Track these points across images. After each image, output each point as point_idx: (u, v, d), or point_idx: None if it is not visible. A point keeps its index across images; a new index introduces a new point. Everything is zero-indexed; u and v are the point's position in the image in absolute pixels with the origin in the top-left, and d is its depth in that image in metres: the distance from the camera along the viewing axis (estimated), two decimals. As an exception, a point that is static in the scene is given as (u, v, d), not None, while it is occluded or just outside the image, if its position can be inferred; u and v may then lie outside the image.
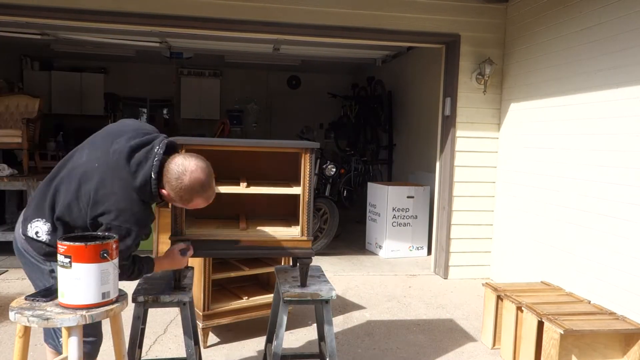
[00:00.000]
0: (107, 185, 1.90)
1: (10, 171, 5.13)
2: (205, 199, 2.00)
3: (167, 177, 1.93)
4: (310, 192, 2.32)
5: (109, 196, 1.89)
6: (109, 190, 1.90)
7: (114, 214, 1.88)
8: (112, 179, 1.91)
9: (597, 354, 2.76)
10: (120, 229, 1.88)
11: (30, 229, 1.99)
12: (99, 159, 1.94)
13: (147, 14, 4.33)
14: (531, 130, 4.37)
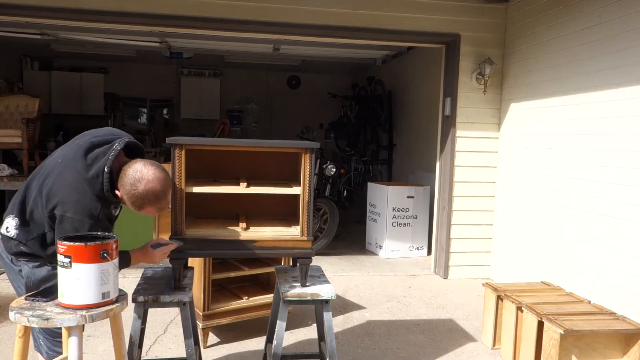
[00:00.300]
0: (62, 178, 1.93)
1: (10, 171, 5.14)
2: (157, 209, 2.02)
3: (123, 181, 1.94)
4: (310, 192, 2.32)
5: (62, 188, 1.92)
6: (64, 183, 1.93)
7: (66, 206, 1.90)
8: (68, 171, 1.95)
9: (597, 354, 2.76)
10: (73, 221, 1.89)
11: (3, 225, 2.04)
12: (63, 155, 2.00)
13: (147, 14, 4.33)
14: (531, 130, 4.37)
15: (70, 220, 1.89)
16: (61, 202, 1.90)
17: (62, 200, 1.91)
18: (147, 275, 2.43)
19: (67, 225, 1.89)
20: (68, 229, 1.89)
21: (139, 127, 10.33)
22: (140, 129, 10.25)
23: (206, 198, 2.44)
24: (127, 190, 1.94)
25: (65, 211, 1.90)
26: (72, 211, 1.90)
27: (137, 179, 1.92)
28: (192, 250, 2.26)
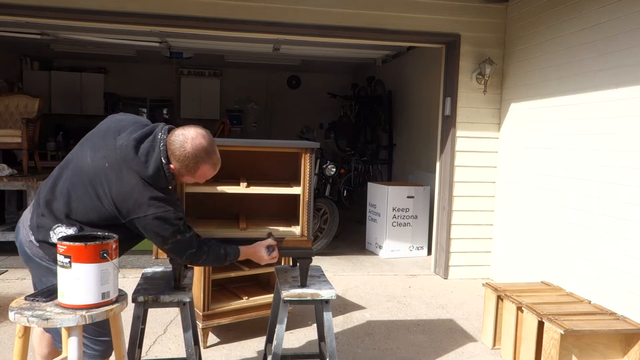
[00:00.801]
0: (124, 183, 1.90)
1: (10, 171, 5.13)
2: (212, 165, 2.01)
3: (171, 150, 1.94)
4: (310, 192, 2.32)
5: (130, 194, 1.89)
6: (128, 188, 1.90)
7: (144, 207, 1.88)
8: (127, 174, 1.91)
9: (597, 354, 2.75)
10: (158, 217, 1.89)
11: (54, 235, 1.94)
12: (107, 158, 1.93)
13: (147, 14, 4.32)
14: (531, 130, 4.37)
15: (154, 217, 1.89)
16: (136, 206, 1.89)
17: (136, 204, 1.89)
18: (147, 275, 2.42)
19: (154, 224, 1.89)
20: (156, 226, 1.90)
21: (138, 127, 10.32)
22: (140, 129, 10.25)
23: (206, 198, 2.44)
24: (178, 155, 1.93)
25: (145, 212, 1.89)
26: (153, 209, 1.90)
27: (183, 140, 1.93)
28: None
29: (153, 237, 1.95)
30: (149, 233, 1.93)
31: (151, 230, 1.92)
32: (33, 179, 5.01)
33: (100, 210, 1.93)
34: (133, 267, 4.85)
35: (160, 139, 1.94)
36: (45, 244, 1.97)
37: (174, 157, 1.94)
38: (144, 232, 1.94)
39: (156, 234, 1.93)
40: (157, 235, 1.94)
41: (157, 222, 1.90)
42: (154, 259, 5.15)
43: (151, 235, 1.94)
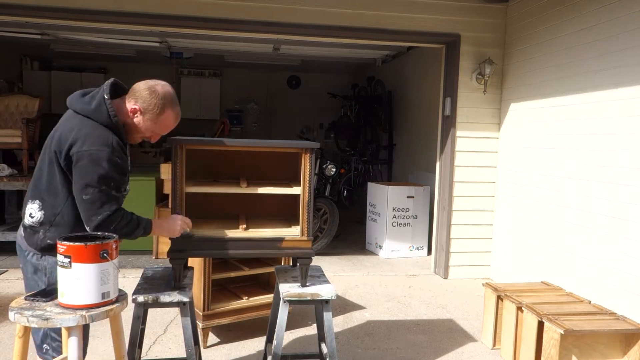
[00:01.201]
0: (68, 124, 1.97)
1: (10, 171, 5.14)
2: (176, 113, 2.07)
3: (136, 90, 2.01)
4: (310, 192, 2.32)
5: (70, 130, 1.93)
6: (70, 126, 1.95)
7: (80, 141, 1.89)
8: (72, 118, 1.99)
9: (597, 354, 2.76)
10: (90, 154, 1.87)
11: (25, 215, 2.01)
12: (61, 120, 2.05)
13: (147, 14, 4.33)
14: (531, 130, 4.37)
15: (87, 154, 1.87)
16: (73, 141, 1.89)
17: (74, 138, 1.89)
18: (147, 275, 2.42)
19: (85, 161, 1.86)
20: (86, 163, 1.86)
21: (139, 127, 10.33)
22: (140, 129, 10.26)
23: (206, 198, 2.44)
24: (145, 96, 1.99)
25: (80, 147, 1.88)
26: (88, 144, 1.88)
27: (153, 84, 2.02)
28: (192, 250, 2.26)
29: (79, 180, 1.88)
30: (78, 174, 1.88)
31: (80, 169, 1.87)
32: (33, 179, 5.00)
33: (52, 169, 1.95)
34: (133, 267, 4.85)
35: (104, 85, 2.01)
36: (26, 229, 2.02)
37: (140, 98, 2.00)
38: (75, 175, 1.89)
39: (83, 174, 1.87)
40: (83, 177, 1.87)
41: (89, 159, 1.87)
42: (154, 259, 5.17)
43: (78, 177, 1.88)
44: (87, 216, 1.90)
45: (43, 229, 1.97)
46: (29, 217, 1.98)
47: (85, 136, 1.90)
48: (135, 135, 2.09)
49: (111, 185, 1.90)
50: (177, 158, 2.20)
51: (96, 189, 1.87)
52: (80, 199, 1.90)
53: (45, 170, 1.97)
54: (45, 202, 1.96)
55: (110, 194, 1.90)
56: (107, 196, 1.89)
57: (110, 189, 1.90)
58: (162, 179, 5.06)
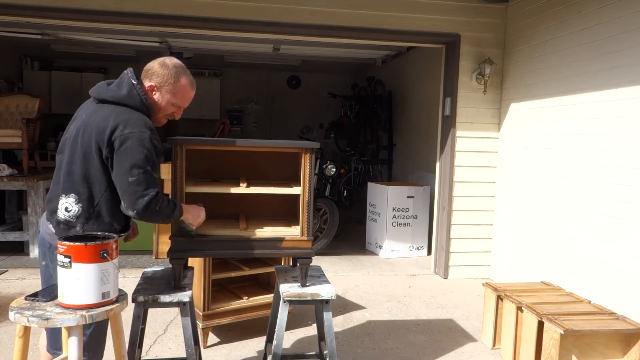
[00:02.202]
0: (101, 114, 1.95)
1: (10, 171, 5.14)
2: (190, 81, 2.11)
3: (149, 69, 2.08)
4: (310, 192, 2.32)
5: (108, 118, 1.92)
6: (105, 114, 1.94)
7: (122, 125, 1.90)
8: (102, 107, 1.98)
9: (597, 354, 2.76)
10: (135, 136, 1.88)
11: (59, 210, 1.96)
12: (86, 112, 2.02)
13: (147, 14, 4.33)
14: (531, 130, 4.37)
15: (132, 135, 1.87)
16: (114, 127, 1.88)
17: (114, 124, 1.89)
18: (147, 275, 2.43)
19: (129, 142, 1.86)
20: (131, 145, 1.87)
21: (139, 127, 10.33)
22: (140, 129, 10.25)
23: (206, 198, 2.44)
24: (157, 70, 2.06)
25: (122, 130, 1.88)
26: (130, 127, 1.89)
27: (161, 59, 2.09)
28: (192, 250, 2.26)
29: (123, 163, 1.87)
30: (122, 157, 1.87)
31: (125, 152, 1.87)
32: (33, 179, 5.01)
33: (88, 157, 1.93)
34: (133, 267, 4.86)
35: (128, 72, 2.06)
36: (59, 226, 1.98)
37: (153, 74, 2.05)
38: (118, 159, 1.88)
39: (128, 155, 1.87)
40: (128, 159, 1.87)
41: (133, 141, 1.87)
42: (154, 259, 5.17)
43: (123, 159, 1.87)
44: (133, 199, 1.88)
45: (80, 222, 1.96)
46: (65, 211, 1.95)
47: (126, 121, 1.91)
48: (159, 115, 2.11)
49: (154, 167, 1.93)
50: (177, 158, 2.20)
51: (142, 169, 1.88)
52: (125, 182, 1.88)
53: (78, 163, 1.93)
54: (81, 194, 1.94)
55: (153, 175, 1.93)
56: (151, 177, 1.91)
57: (153, 171, 1.93)
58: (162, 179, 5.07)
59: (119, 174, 1.89)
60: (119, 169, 1.89)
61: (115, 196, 1.94)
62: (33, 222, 5.05)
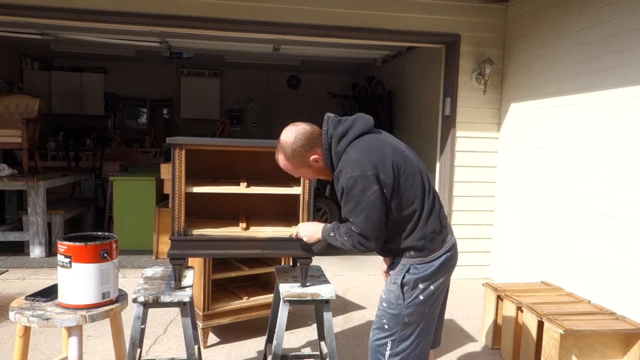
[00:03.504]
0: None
1: (10, 171, 5.14)
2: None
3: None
4: (310, 192, 2.32)
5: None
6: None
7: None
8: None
9: (597, 354, 2.76)
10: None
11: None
12: (394, 143, 2.00)
13: (147, 14, 4.33)
14: (531, 130, 4.37)
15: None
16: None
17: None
18: (147, 275, 2.43)
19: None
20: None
21: (139, 127, 10.34)
22: (140, 129, 10.26)
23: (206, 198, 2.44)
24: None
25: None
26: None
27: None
28: (192, 250, 2.26)
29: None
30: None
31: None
32: (33, 179, 5.01)
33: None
34: (133, 267, 4.85)
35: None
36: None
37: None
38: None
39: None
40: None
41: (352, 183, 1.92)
42: (154, 259, 5.17)
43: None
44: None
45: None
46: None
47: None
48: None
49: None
50: (177, 158, 2.20)
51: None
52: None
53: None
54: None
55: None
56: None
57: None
58: (162, 179, 5.08)
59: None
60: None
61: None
62: (33, 222, 5.05)
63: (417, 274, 1.95)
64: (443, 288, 2.02)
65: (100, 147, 7.87)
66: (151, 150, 9.47)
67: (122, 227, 5.34)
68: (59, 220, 5.38)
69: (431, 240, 1.94)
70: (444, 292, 2.06)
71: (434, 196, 1.99)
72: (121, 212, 5.43)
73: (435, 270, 1.95)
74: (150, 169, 6.36)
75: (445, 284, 2.03)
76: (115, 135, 9.73)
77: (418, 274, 1.95)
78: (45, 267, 4.79)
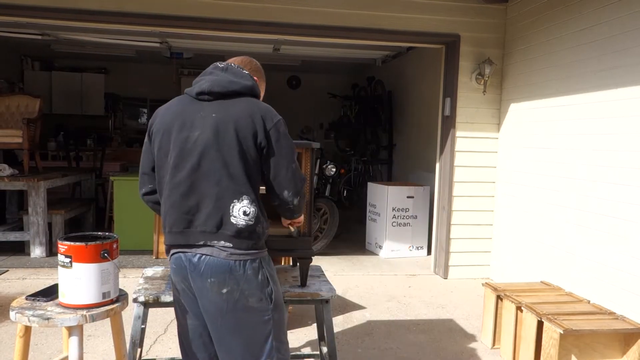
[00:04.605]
0: (239, 109, 1.81)
1: (10, 171, 5.14)
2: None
3: (250, 64, 2.04)
4: (310, 192, 2.32)
5: (249, 111, 1.80)
6: (244, 108, 1.81)
7: (269, 117, 1.81)
8: (235, 103, 1.85)
9: (596, 353, 2.76)
10: (283, 125, 1.86)
11: (238, 217, 1.71)
12: (210, 112, 1.84)
13: (147, 14, 4.33)
14: (531, 130, 4.38)
15: (281, 126, 1.82)
16: (263, 119, 1.77)
17: (262, 117, 1.78)
18: (148, 275, 2.43)
19: (284, 131, 1.82)
20: (284, 135, 1.82)
21: (139, 127, 10.34)
22: (141, 129, 10.26)
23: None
24: (257, 66, 2.05)
25: (272, 122, 1.79)
26: (275, 117, 1.82)
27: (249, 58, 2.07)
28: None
29: (286, 154, 1.81)
30: (284, 146, 1.81)
31: (285, 141, 1.81)
32: (34, 179, 5.02)
33: (245, 159, 1.75)
34: (133, 267, 4.86)
35: (233, 64, 2.05)
36: (240, 236, 1.74)
37: (253, 69, 2.03)
38: (279, 149, 1.79)
39: (287, 146, 1.82)
40: (289, 148, 1.83)
41: (285, 129, 1.84)
42: (154, 259, 5.18)
43: (284, 150, 1.80)
44: (300, 185, 1.86)
45: (259, 222, 1.76)
46: (243, 215, 1.71)
47: (267, 111, 1.82)
48: None
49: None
50: (177, 158, 2.20)
51: (295, 156, 1.87)
52: (290, 171, 1.81)
53: (237, 163, 1.72)
54: (250, 195, 1.74)
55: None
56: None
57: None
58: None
59: (284, 164, 1.80)
60: (282, 160, 1.79)
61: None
62: (34, 222, 5.06)
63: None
64: (177, 293, 1.83)
65: (101, 147, 7.88)
66: (151, 150, 9.46)
67: (122, 227, 5.34)
68: (59, 220, 5.39)
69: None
70: (184, 300, 1.81)
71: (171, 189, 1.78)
72: (122, 212, 5.44)
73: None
74: (151, 168, 6.35)
75: (178, 292, 1.81)
76: (116, 135, 9.74)
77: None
78: (46, 267, 4.80)
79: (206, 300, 1.73)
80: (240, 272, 1.72)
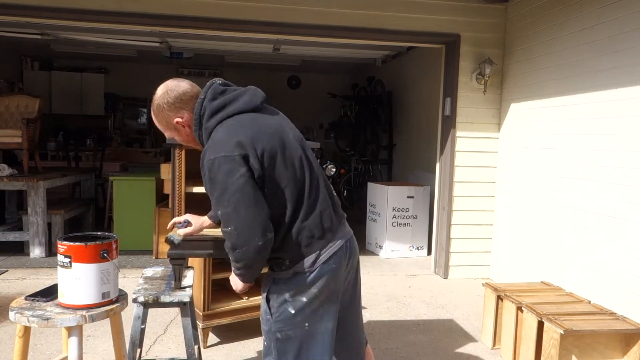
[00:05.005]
0: (288, 120, 1.97)
1: (10, 171, 5.14)
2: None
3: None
4: (310, 192, 2.31)
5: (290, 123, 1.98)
6: (288, 120, 1.97)
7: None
8: (275, 111, 1.91)
9: (597, 354, 2.76)
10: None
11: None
12: (280, 121, 1.86)
13: (147, 14, 4.33)
14: (531, 130, 4.38)
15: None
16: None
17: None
18: (147, 275, 2.43)
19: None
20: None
21: (139, 127, 10.34)
22: (140, 129, 10.26)
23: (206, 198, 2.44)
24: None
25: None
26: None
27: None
28: (192, 250, 2.26)
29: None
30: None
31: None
32: (33, 179, 5.01)
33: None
34: (133, 267, 4.86)
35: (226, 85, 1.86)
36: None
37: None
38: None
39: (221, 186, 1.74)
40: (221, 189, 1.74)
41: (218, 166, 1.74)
42: (154, 259, 5.17)
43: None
44: (228, 240, 1.73)
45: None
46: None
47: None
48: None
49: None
50: (177, 158, 2.20)
51: (227, 199, 1.75)
52: (223, 218, 1.71)
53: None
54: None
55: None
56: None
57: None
58: (162, 179, 5.08)
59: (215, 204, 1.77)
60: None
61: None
62: (33, 222, 5.05)
63: (284, 284, 1.80)
64: (326, 297, 1.76)
65: (101, 147, 7.88)
66: (151, 150, 9.47)
67: (122, 227, 5.34)
68: (59, 220, 5.39)
69: (307, 246, 1.70)
70: (332, 299, 1.79)
71: (318, 196, 1.77)
72: (121, 212, 5.44)
73: (309, 282, 1.73)
74: (150, 169, 6.35)
75: (334, 291, 1.78)
76: (116, 135, 9.74)
77: (285, 284, 1.79)
78: (45, 267, 4.80)
79: (355, 275, 1.98)
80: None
